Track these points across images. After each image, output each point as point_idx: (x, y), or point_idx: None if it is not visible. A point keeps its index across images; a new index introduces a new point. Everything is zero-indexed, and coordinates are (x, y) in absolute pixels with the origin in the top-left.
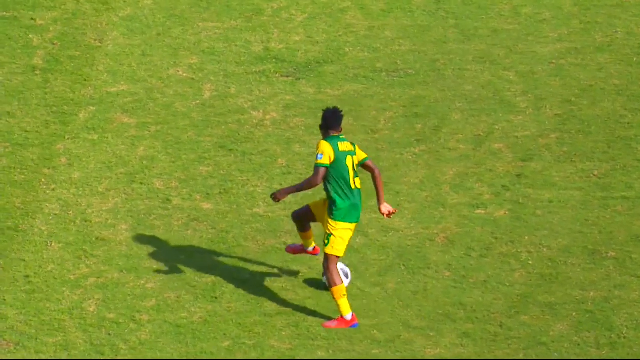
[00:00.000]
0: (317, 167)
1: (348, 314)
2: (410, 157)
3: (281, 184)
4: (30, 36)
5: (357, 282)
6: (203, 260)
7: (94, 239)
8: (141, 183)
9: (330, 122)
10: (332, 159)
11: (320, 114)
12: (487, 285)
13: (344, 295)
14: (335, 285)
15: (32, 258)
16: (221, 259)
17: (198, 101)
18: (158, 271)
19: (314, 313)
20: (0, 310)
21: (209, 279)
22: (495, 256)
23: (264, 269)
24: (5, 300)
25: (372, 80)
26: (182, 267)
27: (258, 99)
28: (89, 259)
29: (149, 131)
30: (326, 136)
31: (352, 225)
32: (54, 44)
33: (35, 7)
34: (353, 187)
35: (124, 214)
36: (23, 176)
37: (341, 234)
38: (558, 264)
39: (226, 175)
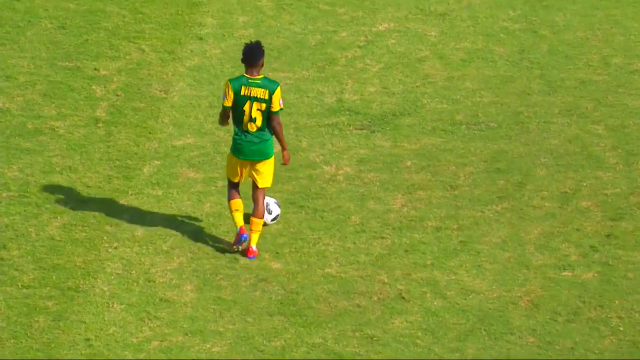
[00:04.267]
0: (222, 108)
1: (238, 227)
2: (492, 215)
3: (354, 243)
4: (93, 87)
5: (434, 347)
6: (272, 322)
7: (157, 300)
8: (207, 241)
9: (245, 58)
10: (231, 100)
11: (396, 169)
12: (575, 352)
13: (235, 210)
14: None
15: (92, 320)
16: (291, 321)
17: None
18: (224, 334)
19: None
20: None
21: (278, 342)
22: (583, 321)
23: (335, 333)
24: None
25: (451, 134)
26: (250, 330)
27: (330, 153)
28: (152, 321)
29: (216, 186)
30: (245, 73)
31: (236, 159)
32: (117, 95)
33: (98, 57)
34: (244, 128)
35: (189, 273)
36: (84, 234)
37: (229, 159)
38: None
39: (296, 233)
